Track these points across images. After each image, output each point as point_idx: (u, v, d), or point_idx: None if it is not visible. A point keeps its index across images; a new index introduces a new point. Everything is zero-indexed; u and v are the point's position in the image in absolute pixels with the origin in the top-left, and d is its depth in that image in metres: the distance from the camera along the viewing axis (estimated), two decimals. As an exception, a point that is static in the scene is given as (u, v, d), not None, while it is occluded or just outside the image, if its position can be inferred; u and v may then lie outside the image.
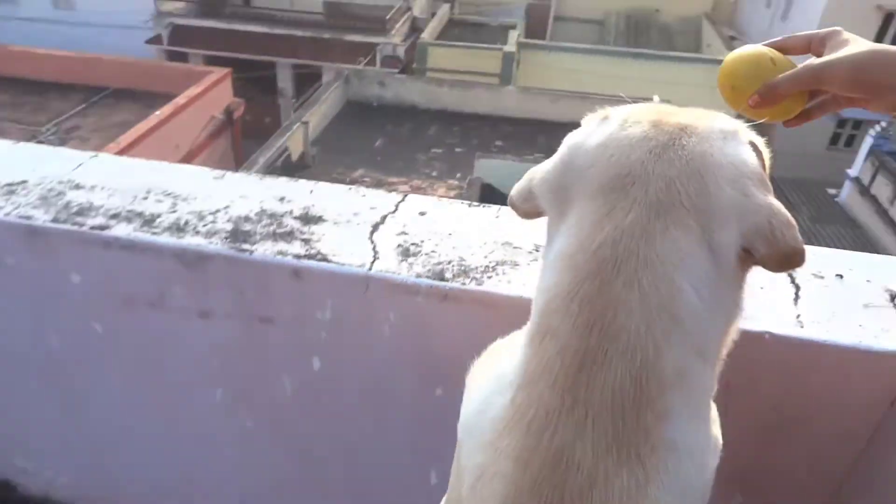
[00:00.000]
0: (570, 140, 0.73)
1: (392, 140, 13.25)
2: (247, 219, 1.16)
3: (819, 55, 0.74)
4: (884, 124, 12.54)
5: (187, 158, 12.03)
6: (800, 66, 0.74)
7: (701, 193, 0.63)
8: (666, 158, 0.65)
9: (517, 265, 1.08)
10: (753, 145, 0.69)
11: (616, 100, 0.79)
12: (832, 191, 13.27)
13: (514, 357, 0.69)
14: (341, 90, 13.99)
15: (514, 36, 16.62)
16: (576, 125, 0.76)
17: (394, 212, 1.19)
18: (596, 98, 13.49)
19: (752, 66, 0.75)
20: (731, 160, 0.65)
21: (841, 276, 1.07)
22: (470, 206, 1.22)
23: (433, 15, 18.66)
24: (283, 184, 1.26)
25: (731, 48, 17.70)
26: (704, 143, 0.66)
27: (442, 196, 8.58)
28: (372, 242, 1.11)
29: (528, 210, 0.77)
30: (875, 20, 15.36)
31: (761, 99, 0.74)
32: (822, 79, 0.72)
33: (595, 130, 0.70)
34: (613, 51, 17.81)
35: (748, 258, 0.64)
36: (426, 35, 16.81)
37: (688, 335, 0.62)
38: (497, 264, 1.08)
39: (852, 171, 12.77)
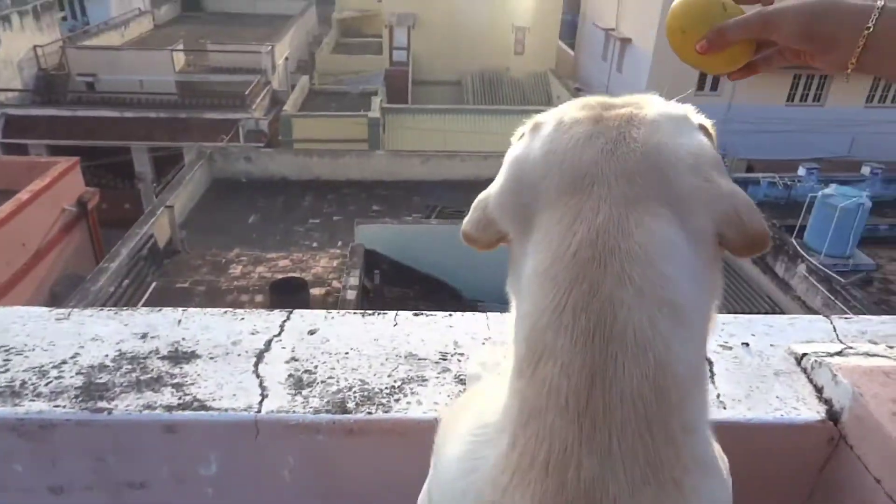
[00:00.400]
0: (511, 156, 0.68)
1: (266, 215, 12.87)
2: (102, 367, 0.98)
3: (770, 4, 0.72)
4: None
5: (37, 258, 10.97)
6: (750, 14, 0.71)
7: (664, 185, 0.60)
8: (620, 154, 0.61)
9: (425, 381, 0.98)
10: (703, 128, 0.67)
11: (484, 155, 0.73)
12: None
13: (496, 400, 0.62)
14: (206, 169, 13.46)
15: (377, 102, 16.96)
16: (447, 183, 0.69)
17: (279, 334, 1.05)
18: (463, 154, 13.99)
19: (703, 9, 0.72)
20: (687, 149, 0.62)
21: (747, 345, 1.07)
22: (364, 315, 1.11)
23: (293, 87, 18.67)
24: (144, 316, 1.09)
25: (576, 97, 19.17)
26: (656, 134, 0.63)
27: (325, 266, 8.30)
28: (258, 376, 0.97)
29: (489, 239, 0.71)
30: (694, 70, 17.23)
31: (709, 44, 0.71)
32: (772, 25, 0.69)
33: (533, 140, 0.67)
34: (472, 109, 18.66)
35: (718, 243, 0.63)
36: (288, 107, 16.73)
37: (690, 327, 0.58)
38: (403, 383, 0.97)
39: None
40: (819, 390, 0.99)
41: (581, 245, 0.58)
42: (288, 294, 8.60)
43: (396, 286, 10.76)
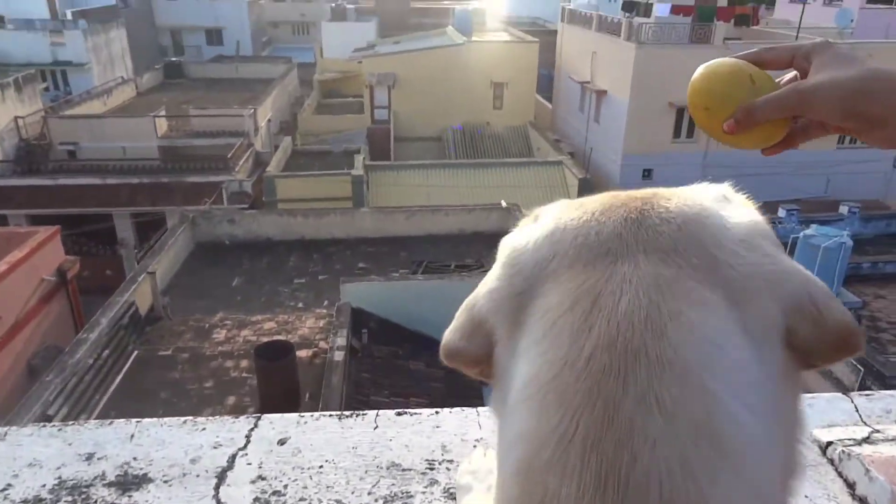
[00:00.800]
0: (508, 244, 0.55)
1: (250, 277, 12.71)
2: (38, 501, 0.85)
3: (803, 71, 0.62)
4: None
5: (15, 330, 10.69)
6: (784, 87, 0.62)
7: (710, 262, 0.47)
8: (649, 226, 0.49)
9: (411, 497, 0.86)
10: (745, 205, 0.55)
11: (468, 209, 0.62)
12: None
13: None
14: (188, 233, 13.34)
15: (360, 160, 17.09)
16: (433, 238, 0.56)
17: (245, 447, 0.94)
18: (447, 209, 14.05)
19: (729, 84, 0.63)
20: (735, 220, 0.50)
21: (766, 434, 0.97)
22: (341, 418, 1.00)
23: (276, 148, 18.80)
24: (92, 431, 0.97)
25: (557, 149, 19.52)
26: (693, 205, 0.51)
27: (312, 327, 8.12)
28: (219, 503, 0.85)
29: (477, 351, 0.55)
30: (670, 114, 17.67)
31: (737, 125, 0.62)
32: (808, 104, 0.59)
33: (536, 225, 0.55)
34: (454, 163, 18.86)
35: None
36: (272, 168, 16.79)
37: (740, 470, 0.43)
38: (386, 501, 0.85)
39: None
40: (851, 486, 0.89)
41: (597, 346, 0.44)
42: (274, 358, 8.38)
43: (385, 345, 10.57)
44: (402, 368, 10.31)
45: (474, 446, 0.95)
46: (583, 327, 0.45)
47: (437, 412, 1.01)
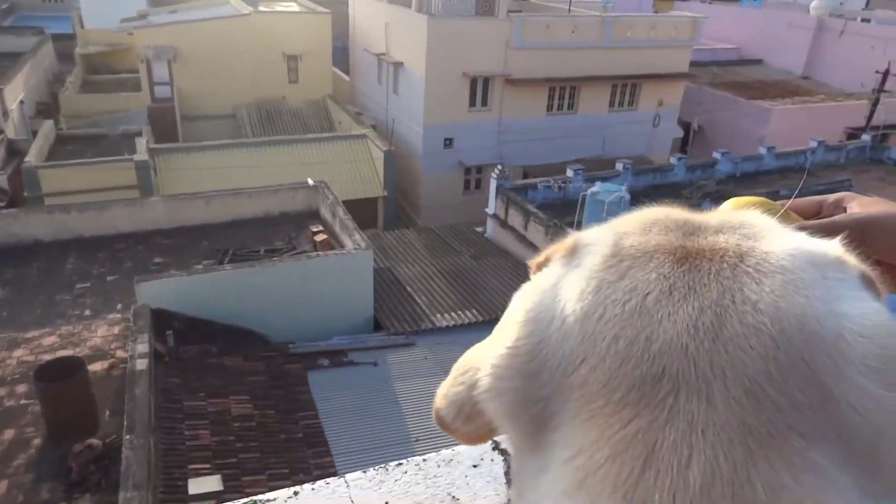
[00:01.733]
0: (527, 303, 0.40)
1: (18, 287, 10.92)
2: None
3: (826, 215, 0.60)
4: (500, 167, 14.82)
5: None
6: (838, 215, 0.57)
7: (822, 401, 0.32)
8: (730, 338, 0.33)
9: None
10: (866, 279, 0.39)
11: (273, 189, 0.41)
12: (479, 228, 15.14)
13: None
14: (-74, 243, 11.04)
15: (142, 143, 15.37)
16: (237, 223, 0.36)
17: None
18: (251, 191, 13.23)
19: (765, 210, 0.56)
20: (859, 326, 0.34)
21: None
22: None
23: (35, 134, 16.21)
24: None
25: (359, 122, 19.25)
26: (795, 293, 0.34)
27: (105, 336, 7.12)
28: None
29: (478, 432, 0.45)
30: (465, 83, 18.27)
31: None
32: (865, 233, 0.53)
33: (566, 282, 0.39)
34: (251, 142, 17.82)
35: None
36: (32, 157, 14.45)
37: None
38: None
39: (489, 209, 14.76)
40: None
41: None
42: (59, 378, 7.27)
43: (195, 344, 9.74)
44: (217, 367, 9.59)
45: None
46: (632, 496, 0.30)
47: (295, 493, 0.78)
